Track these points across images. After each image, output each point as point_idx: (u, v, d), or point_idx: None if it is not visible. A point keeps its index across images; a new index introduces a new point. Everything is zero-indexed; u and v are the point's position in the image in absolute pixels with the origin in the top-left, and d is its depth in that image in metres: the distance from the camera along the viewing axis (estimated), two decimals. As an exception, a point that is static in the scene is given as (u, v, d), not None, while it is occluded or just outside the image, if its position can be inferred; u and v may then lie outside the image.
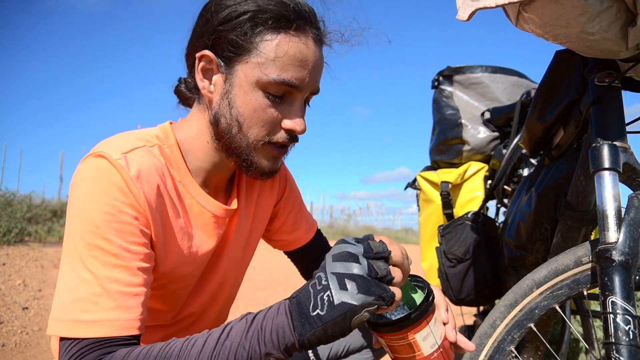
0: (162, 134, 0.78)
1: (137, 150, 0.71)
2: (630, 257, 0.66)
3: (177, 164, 0.77)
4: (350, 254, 0.57)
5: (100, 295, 0.62)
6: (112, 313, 0.61)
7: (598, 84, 0.78)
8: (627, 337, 0.62)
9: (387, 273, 0.56)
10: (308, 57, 0.71)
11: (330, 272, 0.56)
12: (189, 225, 0.79)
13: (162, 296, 0.82)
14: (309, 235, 1.05)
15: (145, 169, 0.70)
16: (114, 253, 0.64)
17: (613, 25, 0.61)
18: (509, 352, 0.78)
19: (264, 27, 0.69)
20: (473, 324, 1.93)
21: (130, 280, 0.64)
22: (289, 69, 0.70)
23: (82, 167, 0.68)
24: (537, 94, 1.05)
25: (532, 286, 0.77)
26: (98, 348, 0.59)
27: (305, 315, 0.55)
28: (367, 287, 0.54)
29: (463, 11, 0.63)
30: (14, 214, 5.91)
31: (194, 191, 0.78)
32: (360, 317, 0.54)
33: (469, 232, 1.50)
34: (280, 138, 0.75)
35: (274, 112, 0.72)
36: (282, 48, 0.69)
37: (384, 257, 0.58)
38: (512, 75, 1.81)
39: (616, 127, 0.74)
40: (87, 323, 0.60)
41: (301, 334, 0.55)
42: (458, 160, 1.82)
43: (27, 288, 3.37)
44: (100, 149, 0.68)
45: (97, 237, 0.63)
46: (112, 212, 0.65)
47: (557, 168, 1.04)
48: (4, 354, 2.14)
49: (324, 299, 0.54)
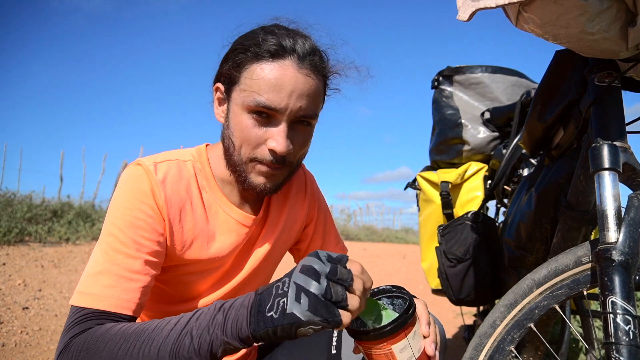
0: (196, 153, 0.91)
1: (169, 162, 0.86)
2: (630, 257, 0.66)
3: (207, 177, 0.89)
4: (314, 270, 0.61)
5: (102, 274, 0.74)
6: (108, 290, 0.73)
7: (598, 84, 0.78)
8: (627, 337, 0.62)
9: (342, 299, 0.60)
10: (284, 82, 0.78)
11: (294, 281, 0.61)
12: (214, 230, 0.89)
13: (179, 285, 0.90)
14: None
15: (171, 177, 0.84)
16: (123, 242, 0.76)
17: (613, 25, 0.61)
18: (509, 352, 0.78)
19: (247, 57, 0.80)
20: (473, 324, 1.93)
21: (131, 267, 0.75)
22: (264, 92, 0.78)
23: (124, 172, 0.84)
24: (537, 94, 1.05)
25: (532, 286, 0.77)
26: (92, 318, 0.70)
27: (262, 314, 0.61)
28: (316, 307, 0.58)
29: (463, 11, 0.63)
30: (14, 214, 5.91)
31: (220, 201, 0.90)
32: (304, 331, 0.59)
33: (469, 232, 1.50)
34: (264, 156, 0.82)
35: (258, 131, 0.81)
36: (259, 74, 0.79)
37: (344, 285, 0.61)
38: (512, 75, 1.81)
39: (616, 127, 0.74)
40: (87, 295, 0.72)
41: (255, 330, 0.60)
42: (458, 160, 1.82)
43: (27, 288, 3.37)
44: (139, 159, 0.84)
45: (114, 227, 0.77)
46: (132, 208, 0.78)
47: (557, 168, 1.05)
48: (4, 354, 2.14)
49: (280, 304, 0.60)
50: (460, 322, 3.21)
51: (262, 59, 0.79)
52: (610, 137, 0.73)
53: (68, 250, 5.35)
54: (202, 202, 0.88)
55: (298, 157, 0.87)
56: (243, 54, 0.80)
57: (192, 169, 0.88)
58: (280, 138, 0.80)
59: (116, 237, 0.76)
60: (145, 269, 0.77)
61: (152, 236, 0.79)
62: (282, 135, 0.80)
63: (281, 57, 0.79)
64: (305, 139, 0.86)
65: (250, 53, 0.80)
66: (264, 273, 1.01)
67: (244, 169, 0.84)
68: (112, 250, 0.75)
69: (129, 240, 0.76)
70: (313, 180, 1.09)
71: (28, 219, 6.14)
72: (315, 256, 0.63)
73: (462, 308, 2.27)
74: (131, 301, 0.74)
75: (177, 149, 0.93)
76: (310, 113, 0.82)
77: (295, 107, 0.79)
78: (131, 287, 0.74)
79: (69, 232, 6.16)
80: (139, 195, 0.79)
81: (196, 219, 0.86)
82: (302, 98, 0.80)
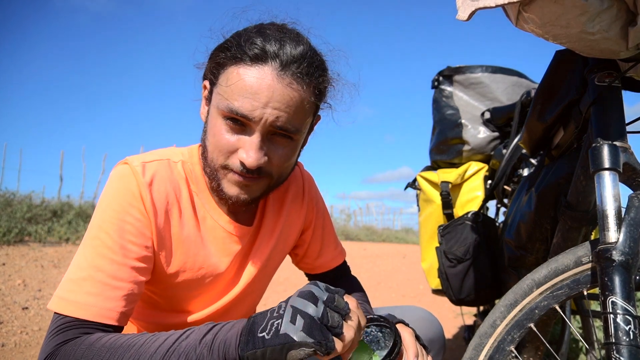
0: (188, 153, 0.85)
1: (158, 162, 0.80)
2: (630, 257, 0.66)
3: (197, 180, 0.84)
4: (313, 295, 0.60)
5: (85, 280, 0.70)
6: (90, 298, 0.68)
7: (598, 84, 0.78)
8: (627, 337, 0.62)
9: (337, 325, 0.59)
10: (260, 89, 0.71)
11: (290, 304, 0.60)
12: (201, 236, 0.83)
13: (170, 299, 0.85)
14: (334, 263, 1.07)
15: (159, 178, 0.78)
16: (109, 246, 0.71)
17: (613, 25, 0.61)
18: (509, 352, 0.78)
19: (227, 59, 0.74)
20: (473, 324, 1.93)
21: (116, 273, 0.71)
22: (237, 98, 0.72)
23: (112, 171, 0.79)
24: (537, 94, 1.05)
25: (532, 286, 0.77)
26: (76, 327, 0.67)
27: (253, 335, 0.58)
28: (311, 328, 0.57)
29: (463, 11, 0.63)
30: (14, 214, 5.91)
31: (209, 205, 0.84)
32: (296, 353, 0.57)
33: (469, 232, 1.50)
34: (235, 166, 0.76)
35: (229, 139, 0.75)
36: (234, 78, 0.73)
37: (341, 313, 0.61)
38: (512, 75, 1.81)
39: (616, 127, 0.74)
40: (69, 302, 0.68)
41: (242, 350, 0.58)
42: (458, 160, 1.82)
43: (27, 288, 3.37)
44: (127, 158, 0.79)
45: (100, 230, 0.72)
46: (119, 210, 0.73)
47: (557, 168, 1.04)
48: (4, 354, 2.14)
49: (274, 325, 0.58)
50: (460, 322, 3.20)
51: (240, 62, 0.73)
52: (610, 137, 0.73)
53: (68, 250, 5.35)
54: (192, 206, 0.82)
55: (281, 171, 0.81)
56: (224, 53, 0.75)
57: (183, 171, 0.82)
58: (251, 150, 0.73)
59: (102, 240, 0.72)
60: (131, 276, 0.72)
61: (140, 240, 0.74)
62: (254, 148, 0.73)
63: (261, 62, 0.72)
64: (286, 153, 0.78)
65: (230, 54, 0.74)
66: (260, 284, 0.96)
67: (216, 176, 0.78)
68: (97, 254, 0.71)
69: (116, 245, 0.72)
70: (312, 183, 1.04)
71: (28, 219, 6.14)
72: (314, 284, 0.63)
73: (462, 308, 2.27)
74: (114, 310, 0.69)
75: (169, 147, 0.87)
76: (289, 127, 0.75)
77: (270, 117, 0.72)
78: (115, 295, 0.70)
79: (69, 232, 6.16)
80: (127, 197, 0.74)
81: (183, 224, 0.81)
82: (279, 109, 0.73)
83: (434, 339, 1.02)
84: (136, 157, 0.80)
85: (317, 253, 1.05)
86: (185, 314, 0.88)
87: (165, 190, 0.79)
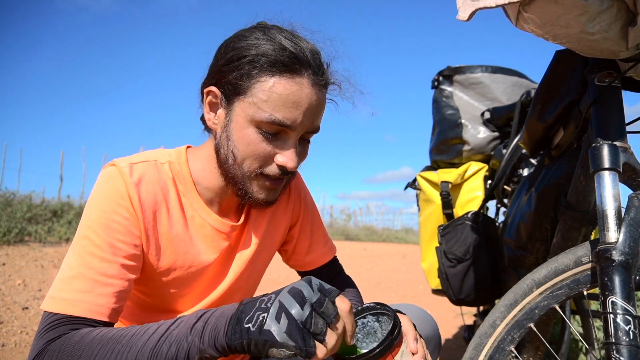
0: (175, 154, 0.87)
1: (145, 163, 0.82)
2: (630, 257, 0.66)
3: (184, 180, 0.85)
4: (302, 295, 0.60)
5: (76, 278, 0.71)
6: (81, 295, 0.70)
7: (598, 84, 0.78)
8: (627, 337, 0.62)
9: (320, 332, 0.59)
10: (301, 99, 0.75)
11: (279, 299, 0.60)
12: (189, 234, 0.85)
13: (160, 298, 0.86)
14: (323, 260, 1.07)
15: (147, 178, 0.80)
16: (98, 245, 0.73)
17: (613, 25, 0.61)
18: (509, 352, 0.78)
19: (260, 69, 0.75)
20: (473, 324, 1.93)
21: (106, 271, 0.72)
22: (280, 109, 0.75)
23: (100, 173, 0.80)
24: (537, 94, 1.05)
25: (532, 286, 0.77)
26: (65, 324, 0.68)
27: (240, 324, 0.60)
28: (293, 332, 0.57)
29: (463, 11, 0.63)
30: (14, 214, 5.91)
31: (197, 205, 0.86)
32: (276, 352, 0.58)
33: (469, 232, 1.51)
34: (272, 171, 0.79)
35: (266, 146, 0.77)
36: (275, 89, 0.74)
37: (326, 320, 0.60)
38: (512, 75, 1.81)
39: (616, 127, 0.74)
40: (59, 300, 0.69)
41: (230, 339, 0.59)
42: (458, 160, 1.82)
43: (27, 288, 3.37)
44: (115, 160, 0.80)
45: (89, 229, 0.74)
46: (107, 210, 0.75)
47: (557, 168, 1.05)
48: (4, 354, 2.14)
49: (260, 318, 0.59)
50: (460, 322, 3.20)
51: (276, 73, 0.74)
52: (610, 137, 0.73)
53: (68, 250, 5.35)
54: (180, 206, 0.84)
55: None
56: (253, 64, 0.75)
57: (170, 172, 0.84)
58: (292, 154, 0.78)
59: (91, 240, 0.73)
60: (121, 273, 0.74)
61: (128, 239, 0.76)
62: (294, 152, 0.78)
63: (298, 72, 0.75)
64: (306, 151, 0.84)
65: (258, 64, 0.75)
66: (249, 280, 0.97)
67: (245, 183, 0.80)
68: (86, 253, 0.73)
69: (104, 243, 0.73)
70: (299, 180, 1.05)
71: (28, 219, 6.15)
72: (307, 282, 0.63)
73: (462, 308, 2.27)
74: (105, 306, 0.71)
75: (156, 149, 0.88)
76: (317, 127, 0.81)
77: (307, 123, 0.78)
78: (106, 292, 0.71)
79: (69, 232, 6.17)
80: (115, 196, 0.76)
81: (172, 223, 0.82)
82: (314, 114, 0.78)
83: (430, 337, 1.02)
84: (124, 159, 0.82)
85: (307, 249, 1.05)
86: (175, 313, 0.88)
87: (153, 190, 0.80)
